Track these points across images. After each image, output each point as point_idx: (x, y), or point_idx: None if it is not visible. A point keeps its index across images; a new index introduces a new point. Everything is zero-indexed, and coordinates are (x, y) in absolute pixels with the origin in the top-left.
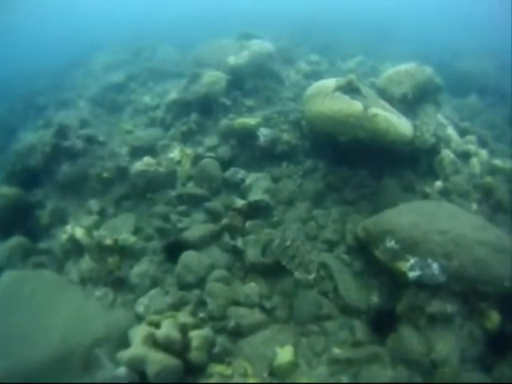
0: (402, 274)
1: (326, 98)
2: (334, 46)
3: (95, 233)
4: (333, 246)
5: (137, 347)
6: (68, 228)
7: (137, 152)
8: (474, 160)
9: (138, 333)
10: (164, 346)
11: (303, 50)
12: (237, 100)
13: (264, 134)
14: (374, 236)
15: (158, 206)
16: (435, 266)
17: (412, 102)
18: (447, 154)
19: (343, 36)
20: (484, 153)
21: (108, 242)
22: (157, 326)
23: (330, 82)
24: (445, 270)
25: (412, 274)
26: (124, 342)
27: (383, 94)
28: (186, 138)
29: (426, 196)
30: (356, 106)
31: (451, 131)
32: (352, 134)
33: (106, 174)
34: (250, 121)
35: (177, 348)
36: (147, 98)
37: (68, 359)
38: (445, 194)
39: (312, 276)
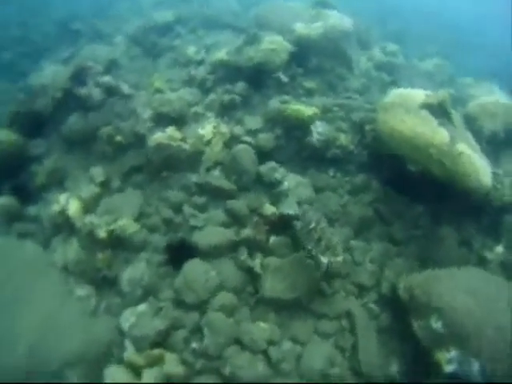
0: (438, 364)
1: (410, 114)
2: (408, 36)
3: (88, 218)
4: (363, 291)
5: None
6: (62, 198)
7: (162, 119)
8: None
9: (115, 378)
10: None
11: (375, 33)
12: (295, 78)
13: (319, 130)
14: (419, 304)
15: (172, 191)
16: (476, 367)
17: (499, 143)
18: None
19: (418, 27)
20: None
21: (102, 234)
22: (138, 371)
23: (417, 94)
24: (484, 373)
25: (448, 368)
26: (101, 362)
27: (471, 124)
28: (225, 111)
29: (483, 261)
30: (442, 135)
31: None
32: (426, 167)
33: (119, 138)
34: (306, 110)
35: None
36: (191, 50)
37: (32, 377)
38: (506, 267)
39: (340, 258)
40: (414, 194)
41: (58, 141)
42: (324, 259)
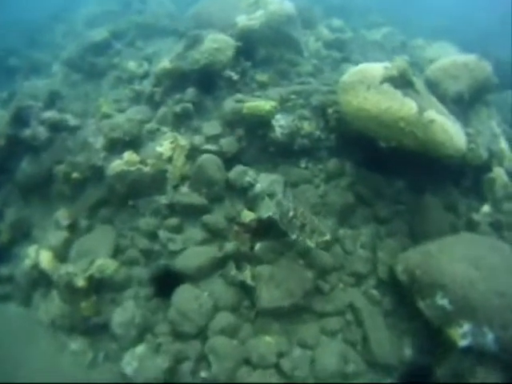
0: (452, 341)
1: (371, 91)
2: (351, 8)
3: (63, 268)
4: (361, 279)
5: None
6: (31, 252)
7: (116, 145)
8: None
9: None
10: None
11: (317, 11)
12: (246, 73)
13: (281, 124)
14: (421, 284)
15: (143, 219)
16: (490, 337)
17: (466, 103)
18: (500, 175)
19: None
20: None
21: (80, 283)
22: None
23: (375, 69)
24: (499, 341)
25: (463, 343)
26: None
27: (435, 88)
28: (180, 121)
29: (472, 225)
30: (409, 106)
31: (504, 144)
32: (398, 141)
33: (76, 175)
34: (263, 105)
35: None
36: (132, 64)
37: None
38: (496, 227)
39: (328, 237)
40: (391, 169)
41: (14, 190)
42: (312, 242)
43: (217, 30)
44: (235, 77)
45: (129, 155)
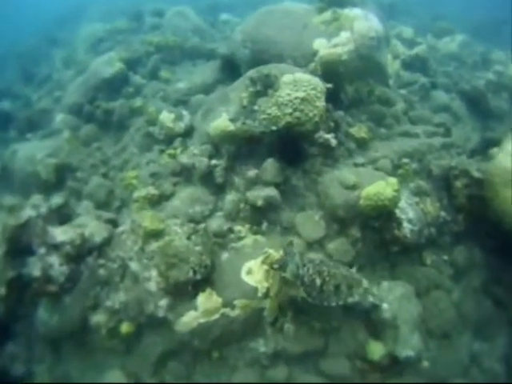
0: None
1: None
2: (401, 5)
3: None
4: None
5: None
6: None
7: (183, 288)
8: None
9: None
10: None
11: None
12: (339, 127)
13: (410, 217)
14: None
15: (238, 373)
16: None
17: None
18: None
19: None
20: None
21: None
22: None
23: None
24: None
25: None
26: None
27: None
28: (262, 215)
29: None
30: None
31: None
32: None
33: (125, 328)
34: (383, 190)
35: None
36: (167, 117)
37: None
38: None
39: (365, 283)
40: None
41: (39, 342)
42: (354, 299)
43: (285, 59)
44: (333, 141)
45: (206, 299)
